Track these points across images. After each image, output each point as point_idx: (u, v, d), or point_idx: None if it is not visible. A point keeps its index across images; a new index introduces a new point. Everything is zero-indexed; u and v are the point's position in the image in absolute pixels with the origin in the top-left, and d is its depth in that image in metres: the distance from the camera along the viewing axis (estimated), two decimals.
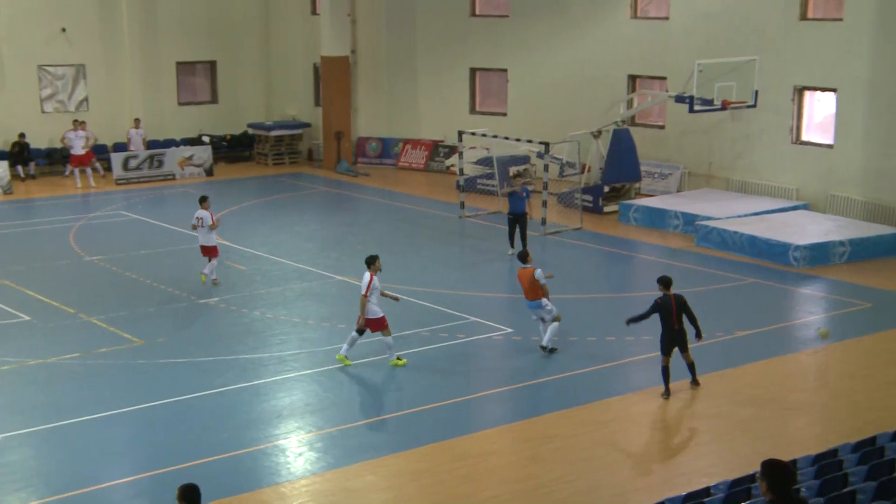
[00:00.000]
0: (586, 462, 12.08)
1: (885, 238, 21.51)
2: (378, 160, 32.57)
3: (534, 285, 15.19)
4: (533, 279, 15.15)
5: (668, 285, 14.04)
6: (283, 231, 23.80)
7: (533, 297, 15.31)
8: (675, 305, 13.89)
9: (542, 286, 15.19)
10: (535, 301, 15.35)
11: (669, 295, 13.97)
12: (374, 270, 14.92)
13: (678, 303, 13.94)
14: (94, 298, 18.60)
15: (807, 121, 24.98)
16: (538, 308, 15.41)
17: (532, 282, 15.18)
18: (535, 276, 15.13)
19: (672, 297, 13.96)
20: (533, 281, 15.17)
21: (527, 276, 15.25)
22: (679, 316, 13.91)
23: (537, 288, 15.22)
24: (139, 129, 30.47)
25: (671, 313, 13.86)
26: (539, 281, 15.14)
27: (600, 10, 28.19)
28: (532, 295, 15.30)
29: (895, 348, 16.11)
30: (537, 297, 15.29)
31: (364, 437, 12.84)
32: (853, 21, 23.28)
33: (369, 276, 14.83)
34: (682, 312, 13.94)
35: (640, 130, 27.28)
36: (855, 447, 10.64)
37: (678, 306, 13.92)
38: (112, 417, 13.38)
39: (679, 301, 13.97)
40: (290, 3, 34.02)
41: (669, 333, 13.95)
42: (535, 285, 15.19)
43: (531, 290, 15.25)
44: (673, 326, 13.91)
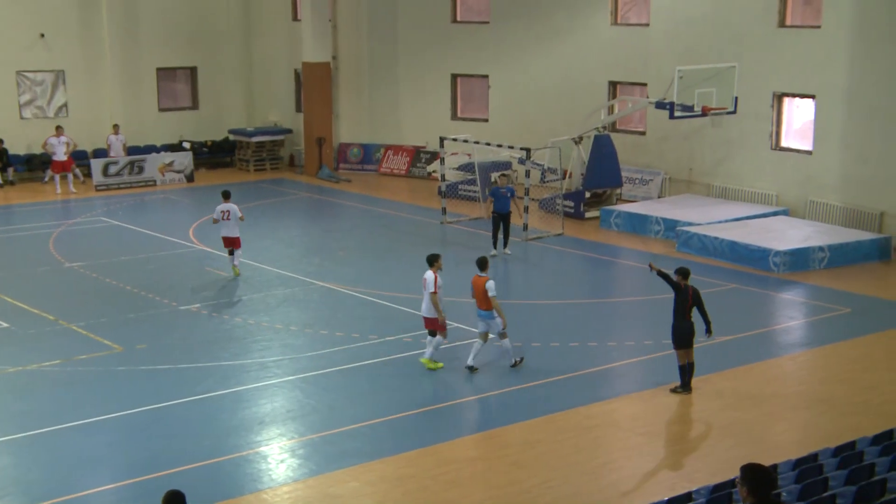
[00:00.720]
0: (569, 467, 12.10)
1: (864, 244, 21.67)
2: (360, 166, 32.55)
3: (485, 295, 14.71)
4: (485, 290, 14.69)
5: (687, 276, 14.28)
6: (265, 237, 23.74)
7: (485, 306, 14.83)
8: (692, 297, 14.14)
9: (491, 298, 14.67)
10: (486, 311, 14.85)
11: (688, 286, 14.22)
12: (437, 268, 15.00)
13: (694, 295, 14.19)
14: (74, 305, 18.50)
15: (786, 127, 25.16)
16: (489, 318, 14.87)
17: (484, 292, 14.71)
18: (486, 287, 14.66)
19: (690, 288, 14.21)
20: (484, 291, 14.70)
21: (480, 285, 14.79)
22: (692, 309, 14.13)
23: (488, 298, 14.74)
24: (119, 136, 30.34)
25: (686, 303, 14.09)
26: (489, 293, 14.64)
27: (581, 16, 28.30)
28: (484, 304, 14.82)
29: (874, 353, 16.22)
30: (488, 308, 14.81)
31: (347, 444, 12.82)
32: (831, 28, 23.47)
33: (433, 275, 14.93)
34: (695, 305, 14.18)
35: (620, 136, 27.40)
36: (835, 451, 10.70)
37: (694, 298, 14.17)
38: (92, 425, 13.31)
39: (695, 294, 14.22)
40: (271, 9, 33.99)
41: (682, 324, 14.16)
42: (487, 295, 14.70)
43: (483, 298, 14.78)
44: (686, 317, 14.13)
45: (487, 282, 14.69)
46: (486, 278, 14.78)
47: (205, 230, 24.27)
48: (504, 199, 21.68)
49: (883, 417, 13.33)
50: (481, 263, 15.05)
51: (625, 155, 26.83)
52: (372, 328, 17.14)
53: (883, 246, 21.83)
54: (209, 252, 22.22)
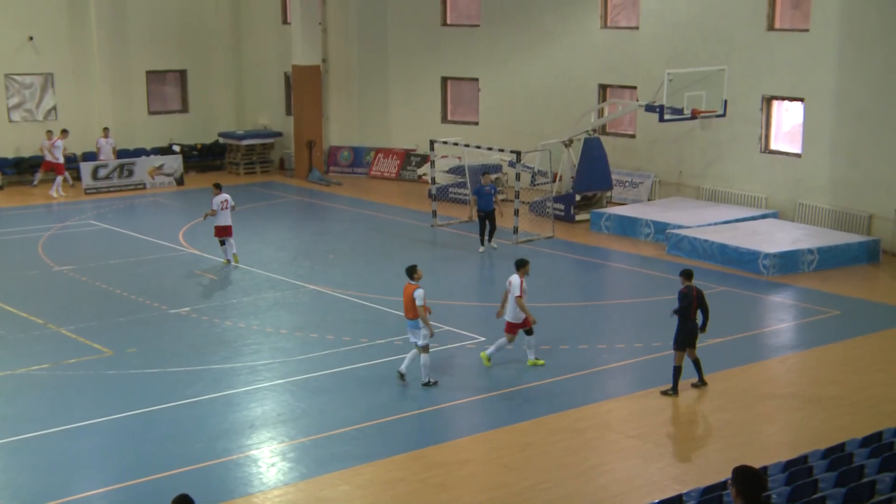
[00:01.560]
0: (561, 470, 12.11)
1: (853, 246, 21.75)
2: (350, 169, 32.54)
3: (413, 304, 14.27)
4: (412, 298, 14.27)
5: (690, 277, 14.38)
6: (255, 240, 23.71)
7: (410, 316, 14.44)
8: (697, 298, 14.23)
9: (419, 308, 14.20)
10: (413, 320, 14.44)
11: (692, 286, 14.29)
12: (524, 273, 15.04)
13: (699, 296, 14.29)
14: (63, 309, 18.44)
15: (775, 130, 25.25)
16: (414, 328, 14.46)
17: (412, 300, 14.29)
18: (413, 296, 14.25)
19: (694, 289, 14.29)
20: (412, 300, 14.29)
21: (408, 293, 14.37)
22: (697, 310, 14.25)
23: (416, 307, 14.29)
24: (109, 139, 30.26)
25: (692, 305, 14.18)
26: (416, 302, 14.21)
27: (570, 19, 28.36)
28: (412, 313, 14.39)
29: (863, 355, 16.28)
30: (415, 318, 14.37)
31: (337, 447, 12.80)
32: (819, 32, 23.56)
33: (519, 279, 14.97)
34: (699, 306, 14.28)
35: (610, 139, 27.45)
36: (825, 453, 10.74)
37: (699, 299, 14.28)
38: (82, 429, 13.26)
39: (699, 295, 14.32)
40: (260, 12, 33.96)
41: (686, 325, 14.22)
42: (414, 304, 14.27)
43: (410, 307, 14.35)
44: (691, 318, 14.22)
45: (416, 290, 14.27)
46: (415, 286, 14.35)
47: (195, 233, 24.24)
48: (488, 196, 22.33)
49: (872, 419, 13.38)
50: (410, 271, 14.61)
51: (615, 158, 26.88)
52: (362, 331, 17.13)
53: (872, 248, 21.92)
54: (199, 255, 22.18)
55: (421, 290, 14.30)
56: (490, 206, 22.37)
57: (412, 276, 14.54)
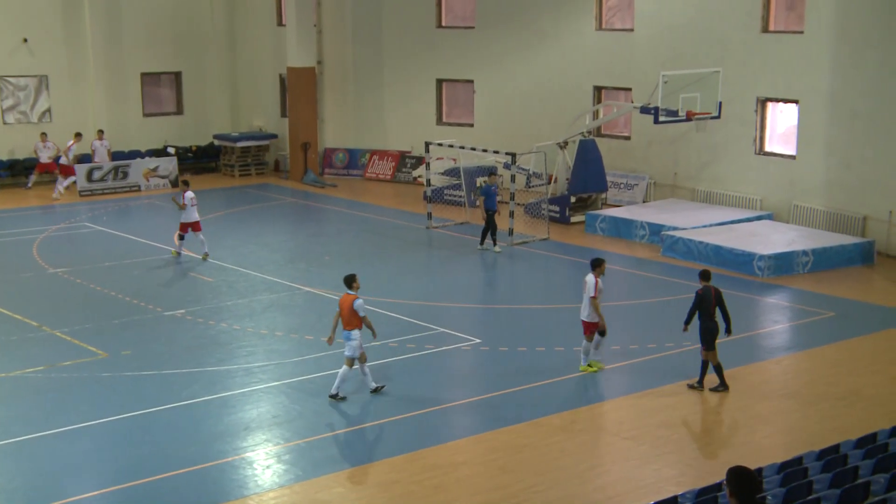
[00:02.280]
0: (556, 472, 12.11)
1: (847, 248, 21.78)
2: (345, 171, 32.54)
3: (352, 314, 13.98)
4: (352, 308, 13.96)
5: (708, 277, 14.48)
6: (250, 242, 23.69)
7: (349, 326, 14.04)
8: (714, 297, 14.31)
9: (361, 317, 13.96)
10: (347, 331, 14.05)
11: (710, 287, 14.38)
12: (599, 273, 15.01)
13: (717, 295, 14.37)
14: (57, 311, 18.41)
15: (770, 132, 25.29)
16: (346, 339, 14.08)
17: (351, 311, 13.98)
18: (354, 307, 13.94)
19: (712, 289, 14.38)
20: (352, 310, 13.97)
21: (347, 304, 14.02)
22: (715, 309, 14.34)
23: (355, 318, 13.98)
24: (103, 141, 30.23)
25: (711, 305, 14.27)
26: (359, 312, 13.94)
27: (566, 21, 28.38)
28: (349, 324, 14.03)
29: (858, 357, 16.31)
30: (352, 328, 14.00)
31: (333, 449, 12.80)
32: (813, 34, 23.61)
33: (594, 278, 14.94)
34: (717, 306, 14.36)
35: (605, 141, 27.48)
36: (819, 455, 10.76)
37: (717, 298, 14.36)
38: (77, 431, 13.24)
39: (718, 294, 14.40)
40: (255, 14, 33.94)
41: (708, 325, 14.33)
42: (354, 314, 13.98)
43: (349, 318, 14.01)
44: (711, 316, 14.31)
45: (356, 301, 13.96)
46: (354, 297, 14.02)
47: (190, 236, 24.19)
48: (493, 196, 22.55)
49: (867, 420, 13.40)
50: (349, 281, 14.25)
51: (610, 159, 26.90)
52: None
53: (866, 250, 21.96)
54: (194, 258, 22.16)
55: (360, 300, 13.98)
56: (493, 207, 22.57)
57: (350, 286, 14.16)
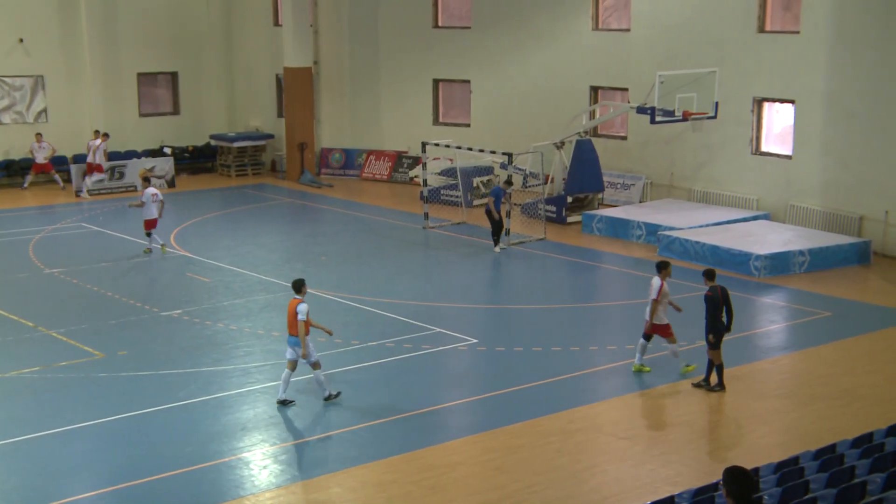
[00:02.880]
0: (553, 472, 12.11)
1: (844, 248, 21.81)
2: (341, 171, 32.53)
3: (296, 319, 13.68)
4: (295, 313, 13.66)
5: (713, 277, 14.49)
6: (247, 243, 23.68)
7: (292, 331, 13.78)
8: (722, 296, 14.35)
9: (299, 322, 13.61)
10: (293, 337, 13.78)
11: (716, 286, 14.40)
12: (665, 276, 14.95)
13: (724, 294, 14.41)
14: (54, 311, 18.39)
15: (766, 132, 25.31)
16: (296, 345, 13.78)
17: (295, 315, 13.68)
18: (296, 310, 13.63)
19: (719, 289, 14.39)
20: (295, 315, 13.68)
21: (292, 308, 13.74)
22: (723, 308, 14.38)
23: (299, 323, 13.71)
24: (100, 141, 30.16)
25: (719, 304, 14.29)
26: (298, 317, 13.59)
27: (562, 21, 28.39)
28: (292, 329, 13.78)
29: (854, 357, 16.32)
30: (297, 334, 13.75)
31: (329, 449, 12.79)
32: (810, 34, 23.64)
33: (660, 282, 14.90)
34: (724, 304, 14.40)
35: (602, 141, 27.49)
36: (816, 454, 10.77)
37: (724, 297, 14.40)
38: (73, 432, 13.23)
39: (724, 292, 14.43)
40: (252, 14, 33.93)
41: (716, 325, 14.34)
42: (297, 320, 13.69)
43: (293, 323, 13.72)
44: (720, 317, 14.33)
45: (300, 305, 13.64)
46: (299, 301, 13.72)
47: (186, 236, 24.22)
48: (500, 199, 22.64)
49: (863, 420, 13.42)
50: (298, 285, 13.95)
51: (606, 159, 26.91)
52: (354, 333, 17.12)
53: (862, 250, 21.98)
54: (190, 258, 22.15)
55: (305, 305, 13.67)
56: (497, 209, 22.56)
57: (299, 291, 13.87)
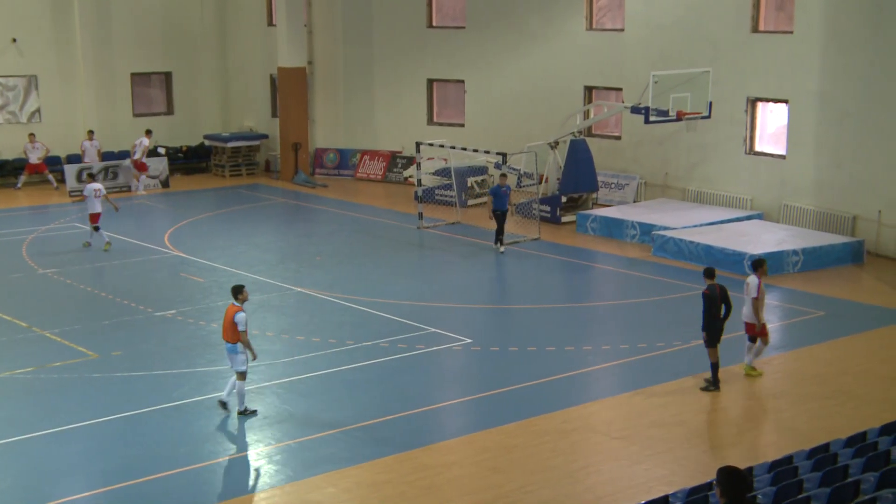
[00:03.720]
0: (547, 472, 12.12)
1: (837, 247, 21.85)
2: (336, 171, 32.51)
3: (232, 327, 13.42)
4: (233, 321, 13.41)
5: (712, 276, 14.61)
6: (241, 243, 23.66)
7: (228, 338, 13.54)
8: (720, 295, 14.46)
9: (240, 332, 13.38)
10: (231, 344, 13.54)
11: (714, 284, 14.52)
12: (762, 273, 14.98)
13: (722, 292, 14.53)
14: (47, 312, 18.36)
15: (760, 131, 25.36)
16: (232, 353, 13.55)
17: (231, 323, 13.43)
18: (235, 319, 13.38)
19: (717, 287, 14.52)
20: (233, 323, 13.42)
21: (229, 315, 13.49)
22: (721, 306, 14.50)
23: (235, 331, 13.43)
24: (94, 141, 30.17)
25: (717, 303, 14.41)
26: (238, 326, 13.36)
27: (556, 21, 28.41)
28: (228, 336, 13.53)
29: (847, 356, 16.35)
30: (233, 341, 13.48)
31: (324, 449, 12.78)
32: (803, 34, 23.68)
33: (758, 280, 14.91)
34: (723, 302, 14.53)
35: (596, 141, 27.51)
36: (809, 454, 10.79)
37: (722, 296, 14.51)
38: (67, 432, 13.21)
39: (723, 291, 14.56)
40: (246, 14, 33.90)
41: (713, 324, 14.44)
42: (234, 327, 13.41)
43: (230, 329, 13.46)
44: (717, 315, 14.45)
45: (238, 314, 13.40)
46: (238, 308, 13.47)
47: (180, 236, 24.19)
48: (504, 197, 22.37)
49: (856, 420, 13.45)
50: (236, 291, 13.68)
51: (601, 159, 26.94)
52: (349, 333, 17.12)
53: (856, 249, 22.02)
54: (185, 258, 22.13)
55: (243, 314, 13.43)
56: (504, 207, 22.45)
57: (237, 297, 13.60)
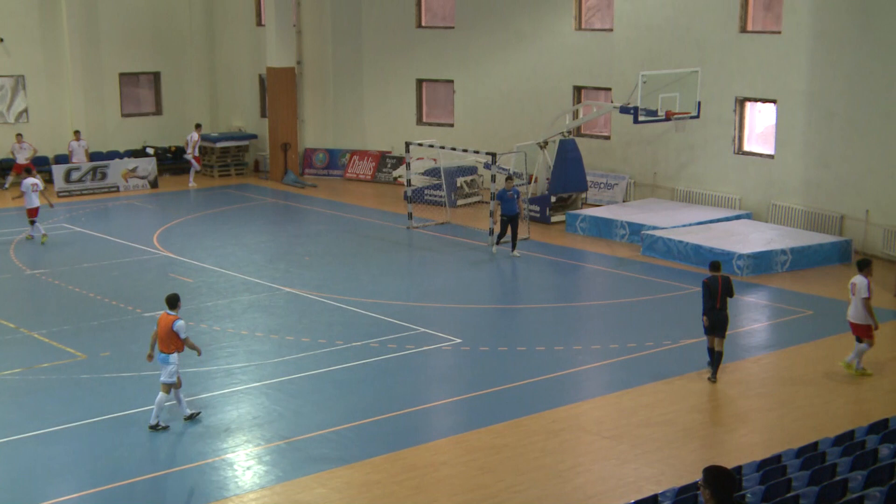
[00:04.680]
0: (536, 471, 12.13)
1: (825, 246, 21.93)
2: (325, 171, 32.48)
3: (170, 337, 13.22)
4: (171, 329, 13.18)
5: (717, 268, 14.92)
6: (230, 243, 23.62)
7: (163, 348, 13.25)
8: (721, 286, 14.71)
9: (182, 340, 13.24)
10: (162, 353, 13.27)
11: (717, 276, 14.80)
12: (867, 274, 14.98)
13: (724, 284, 14.77)
14: (36, 313, 18.30)
15: (748, 131, 25.43)
16: (163, 363, 13.28)
17: (169, 333, 13.21)
18: (174, 328, 13.18)
19: (719, 279, 14.77)
20: (171, 332, 13.20)
21: (166, 325, 13.24)
22: (723, 297, 14.73)
23: (173, 340, 13.24)
24: (81, 141, 30.07)
25: (716, 294, 14.66)
26: (179, 334, 13.18)
27: (545, 21, 28.44)
28: (163, 346, 13.26)
29: (836, 355, 16.40)
30: (168, 351, 13.24)
31: (313, 450, 12.77)
32: (791, 34, 23.76)
33: (866, 280, 14.93)
34: (726, 294, 14.77)
35: (585, 141, 27.55)
36: (798, 452, 10.83)
37: (724, 287, 14.75)
38: (55, 433, 13.17)
39: (725, 283, 14.80)
40: (235, 14, 33.84)
41: (710, 313, 14.73)
42: (172, 337, 13.23)
43: (166, 340, 13.24)
44: (714, 306, 14.71)
45: (177, 322, 13.21)
46: (174, 317, 13.26)
47: (169, 237, 24.13)
48: (511, 201, 21.98)
49: (844, 418, 13.51)
50: (172, 301, 13.48)
51: (590, 159, 26.98)
52: (338, 334, 17.10)
53: (844, 249, 22.11)
54: (173, 258, 22.07)
55: (182, 322, 13.29)
56: (514, 211, 21.94)
57: (173, 307, 13.41)
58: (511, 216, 22.05)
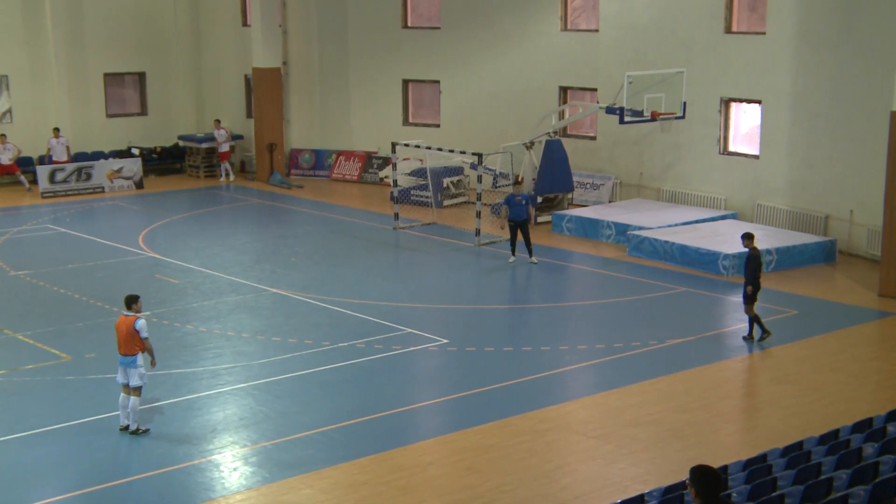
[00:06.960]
0: (523, 471, 12.15)
1: (810, 247, 22.03)
2: (311, 172, 32.43)
3: (132, 337, 12.90)
4: (132, 330, 12.86)
5: (752, 238, 15.33)
6: (216, 244, 23.55)
7: (126, 351, 12.94)
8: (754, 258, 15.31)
9: (143, 340, 12.90)
10: (127, 356, 12.95)
11: (756, 247, 15.29)
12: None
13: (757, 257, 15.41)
14: (20, 314, 18.20)
15: (734, 132, 25.53)
16: (129, 366, 12.92)
17: (131, 333, 12.88)
18: (135, 328, 12.86)
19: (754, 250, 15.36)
20: (132, 332, 12.87)
21: (125, 326, 12.90)
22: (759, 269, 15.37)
23: (136, 341, 12.92)
24: (60, 139, 29.89)
25: (760, 264, 15.22)
26: (140, 334, 12.86)
27: (531, 22, 28.47)
28: (126, 349, 12.94)
29: (821, 354, 16.49)
30: (132, 353, 12.93)
31: (300, 451, 12.75)
32: (776, 35, 23.86)
33: None
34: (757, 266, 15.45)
35: (572, 141, 27.59)
36: (783, 452, 10.87)
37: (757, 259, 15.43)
38: (40, 435, 13.10)
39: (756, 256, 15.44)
40: (220, 14, 33.74)
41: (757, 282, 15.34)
42: (134, 338, 12.90)
43: (126, 342, 12.90)
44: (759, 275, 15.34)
45: (138, 321, 12.90)
46: (134, 317, 12.93)
47: (155, 238, 24.06)
48: (520, 206, 21.49)
49: (829, 417, 13.56)
50: (130, 301, 13.09)
51: (576, 160, 27.02)
52: (325, 335, 17.08)
53: (828, 249, 22.21)
54: (159, 259, 22.00)
55: (143, 321, 12.99)
56: (523, 216, 21.48)
57: (131, 307, 13.04)
58: (519, 221, 21.55)
